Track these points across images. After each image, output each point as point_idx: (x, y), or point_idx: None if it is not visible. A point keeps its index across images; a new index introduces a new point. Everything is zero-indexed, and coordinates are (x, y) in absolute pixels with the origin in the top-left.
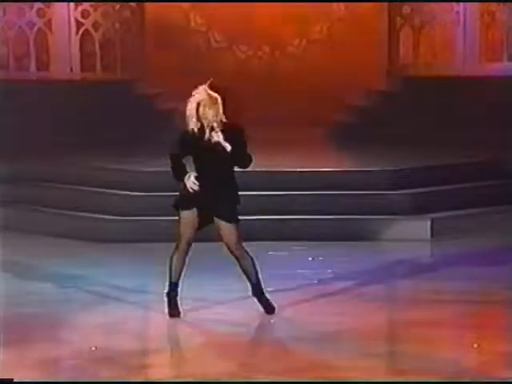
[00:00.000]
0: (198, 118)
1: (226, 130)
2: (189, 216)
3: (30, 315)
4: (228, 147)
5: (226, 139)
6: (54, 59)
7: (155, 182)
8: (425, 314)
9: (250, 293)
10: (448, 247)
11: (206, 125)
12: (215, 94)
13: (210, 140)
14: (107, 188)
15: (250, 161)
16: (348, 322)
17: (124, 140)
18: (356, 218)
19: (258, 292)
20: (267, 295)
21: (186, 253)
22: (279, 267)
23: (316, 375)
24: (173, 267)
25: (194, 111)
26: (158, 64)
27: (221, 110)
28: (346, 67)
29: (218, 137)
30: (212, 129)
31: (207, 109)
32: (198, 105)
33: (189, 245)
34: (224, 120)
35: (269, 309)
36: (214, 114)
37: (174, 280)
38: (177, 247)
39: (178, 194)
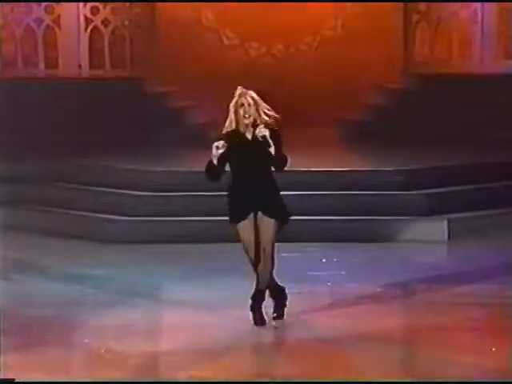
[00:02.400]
0: (237, 118)
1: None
2: (245, 224)
3: (40, 317)
4: (272, 143)
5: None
6: (63, 56)
7: (166, 182)
8: (441, 317)
9: (250, 298)
10: (465, 248)
11: (246, 123)
12: (253, 94)
13: (250, 140)
14: (117, 188)
15: (286, 163)
16: (362, 324)
17: (134, 139)
18: (371, 219)
19: (259, 299)
20: (264, 309)
21: (259, 258)
22: (292, 269)
23: (329, 378)
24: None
25: (233, 110)
26: (169, 62)
27: (261, 110)
28: (361, 64)
29: (264, 131)
30: (255, 125)
31: (246, 106)
32: (238, 104)
33: (258, 257)
34: (268, 118)
35: (259, 321)
36: (253, 112)
37: (261, 287)
38: (250, 259)
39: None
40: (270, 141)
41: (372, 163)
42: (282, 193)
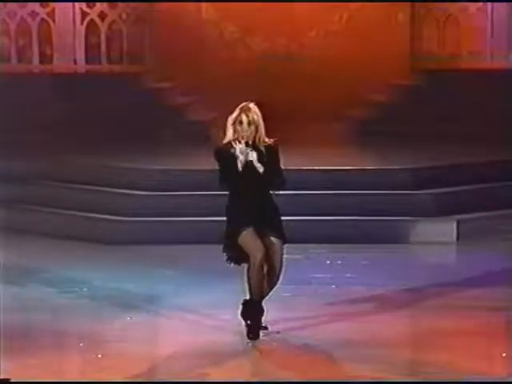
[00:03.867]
0: (235, 134)
1: (261, 148)
2: (249, 233)
3: (36, 320)
4: (260, 168)
5: (260, 158)
6: (58, 51)
7: (165, 181)
8: (450, 321)
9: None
10: (475, 250)
11: (240, 141)
12: (256, 111)
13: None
14: (113, 187)
15: (283, 183)
16: (368, 329)
17: (131, 136)
18: (377, 220)
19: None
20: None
21: (263, 266)
22: (295, 271)
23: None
24: (252, 285)
25: (231, 126)
26: (168, 56)
27: (261, 129)
28: (367, 60)
29: (251, 156)
30: (246, 145)
31: (245, 125)
32: (236, 120)
33: (263, 259)
34: (265, 140)
35: (254, 334)
36: (251, 132)
37: (256, 298)
38: (252, 264)
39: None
40: (258, 165)
41: (378, 162)
42: (285, 192)
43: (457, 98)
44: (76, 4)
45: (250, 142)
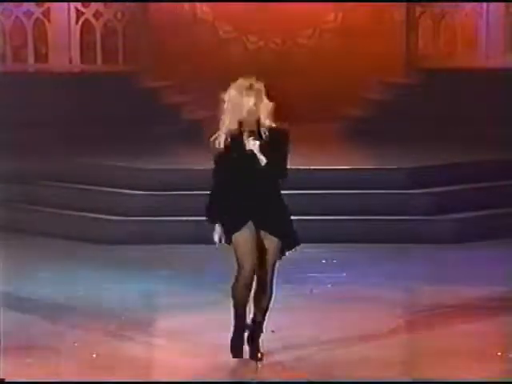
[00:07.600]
0: (234, 120)
1: (268, 135)
2: (243, 237)
3: (30, 321)
4: (263, 160)
5: (265, 144)
6: (53, 50)
7: (161, 181)
8: (447, 321)
9: (247, 331)
10: (472, 250)
11: (244, 125)
12: (260, 88)
13: (245, 148)
14: (109, 187)
15: (285, 174)
16: (363, 327)
17: (126, 136)
18: (374, 219)
19: (257, 332)
20: (261, 341)
21: (251, 281)
22: (291, 270)
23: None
24: (237, 298)
25: (229, 111)
26: (163, 56)
27: (266, 109)
28: (362, 58)
29: (253, 146)
30: (250, 134)
31: (245, 110)
32: (236, 104)
33: (253, 271)
34: (271, 124)
35: (254, 355)
36: (254, 114)
37: (239, 312)
38: (237, 278)
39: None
40: (262, 157)
41: (374, 161)
42: (282, 192)
43: (452, 96)
44: (71, 3)
45: (255, 128)
